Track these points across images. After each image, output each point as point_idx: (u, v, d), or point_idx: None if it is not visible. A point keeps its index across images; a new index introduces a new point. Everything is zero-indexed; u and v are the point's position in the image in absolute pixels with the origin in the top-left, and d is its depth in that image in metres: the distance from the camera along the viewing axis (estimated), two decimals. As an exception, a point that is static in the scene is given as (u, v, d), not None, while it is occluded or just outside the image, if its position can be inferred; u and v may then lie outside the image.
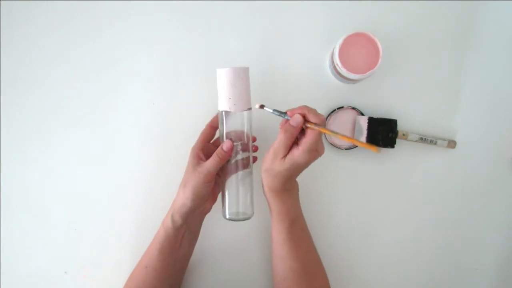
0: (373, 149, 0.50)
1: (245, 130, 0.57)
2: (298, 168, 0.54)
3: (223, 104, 0.55)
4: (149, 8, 0.68)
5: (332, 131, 0.52)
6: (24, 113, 0.69)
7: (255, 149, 0.63)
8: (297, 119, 0.52)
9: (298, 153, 0.52)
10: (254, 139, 0.63)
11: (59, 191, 0.69)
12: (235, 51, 0.68)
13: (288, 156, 0.53)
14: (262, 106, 0.55)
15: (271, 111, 0.54)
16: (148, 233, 0.61)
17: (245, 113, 0.56)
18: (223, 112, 0.56)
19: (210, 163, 0.55)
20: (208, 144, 0.60)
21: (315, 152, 0.52)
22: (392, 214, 0.68)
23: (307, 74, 0.67)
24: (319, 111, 0.53)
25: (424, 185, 0.68)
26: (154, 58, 0.68)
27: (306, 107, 0.53)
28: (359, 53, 0.60)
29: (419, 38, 0.67)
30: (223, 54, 0.68)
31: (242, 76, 0.54)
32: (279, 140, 0.53)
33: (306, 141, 0.52)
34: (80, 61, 0.68)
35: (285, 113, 0.54)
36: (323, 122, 0.52)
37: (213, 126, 0.61)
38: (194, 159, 0.57)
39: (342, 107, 0.66)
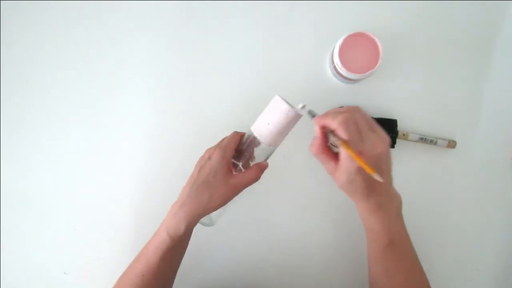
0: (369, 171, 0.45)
1: (255, 158, 0.56)
2: (357, 179, 0.47)
3: (259, 128, 0.53)
4: (149, 8, 0.68)
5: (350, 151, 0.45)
6: (24, 113, 0.69)
7: None
8: (315, 132, 0.49)
9: (342, 163, 0.47)
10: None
11: (59, 191, 0.69)
12: (235, 51, 0.67)
13: (337, 169, 0.48)
14: (303, 107, 0.52)
15: (307, 112, 0.51)
16: (148, 234, 0.60)
17: (270, 147, 0.55)
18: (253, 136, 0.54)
19: (247, 179, 0.53)
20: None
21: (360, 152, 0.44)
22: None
23: (307, 74, 0.67)
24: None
25: (424, 185, 0.68)
26: (154, 58, 0.68)
27: (325, 115, 0.48)
28: (359, 53, 0.60)
29: (419, 38, 0.66)
30: (223, 54, 0.67)
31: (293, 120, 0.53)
32: (319, 161, 0.50)
33: (342, 155, 0.46)
34: (80, 62, 0.68)
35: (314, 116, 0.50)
36: (343, 122, 0.45)
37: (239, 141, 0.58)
38: (226, 168, 0.53)
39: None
